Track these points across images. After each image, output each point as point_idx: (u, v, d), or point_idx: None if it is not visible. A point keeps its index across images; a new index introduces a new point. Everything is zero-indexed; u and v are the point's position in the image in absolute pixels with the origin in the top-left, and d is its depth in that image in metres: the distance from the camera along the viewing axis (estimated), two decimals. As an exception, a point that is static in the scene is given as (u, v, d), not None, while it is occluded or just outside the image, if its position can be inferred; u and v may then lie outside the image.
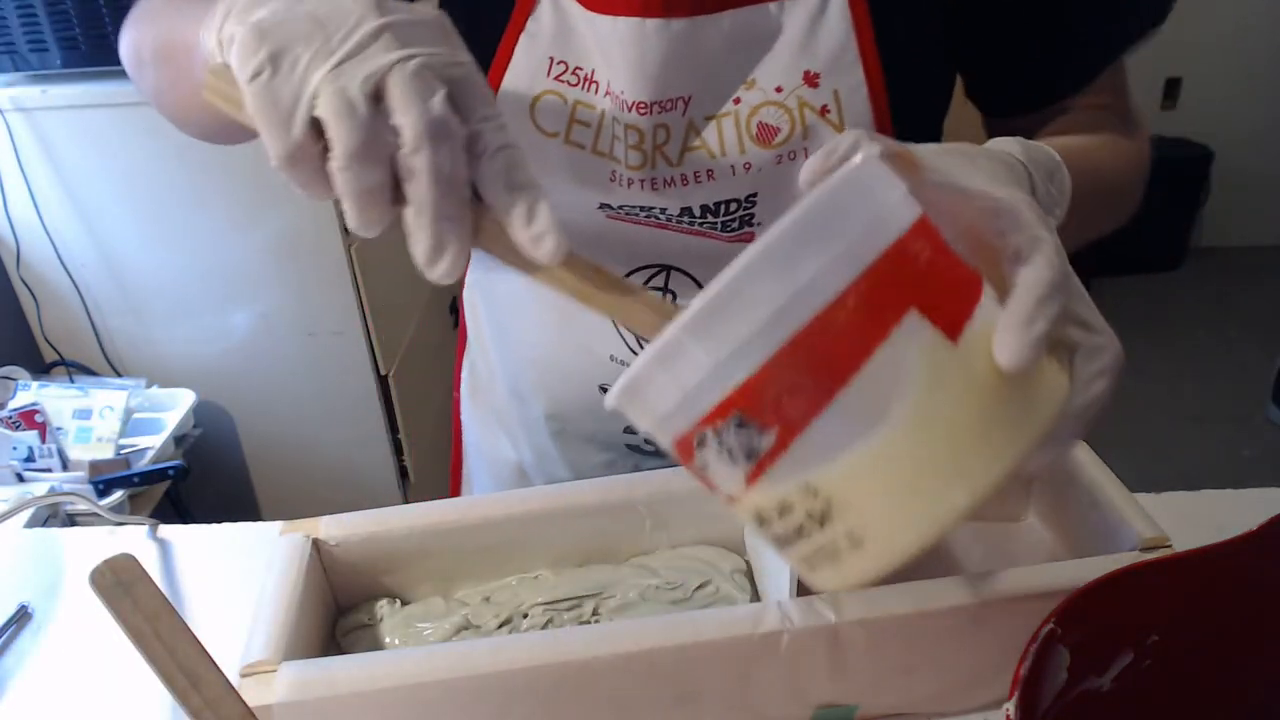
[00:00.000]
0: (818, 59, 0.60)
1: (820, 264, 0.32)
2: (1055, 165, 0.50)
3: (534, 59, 0.63)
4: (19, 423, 1.53)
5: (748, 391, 0.33)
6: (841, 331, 0.32)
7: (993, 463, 0.33)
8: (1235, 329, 2.74)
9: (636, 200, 0.65)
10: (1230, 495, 0.75)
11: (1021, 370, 0.34)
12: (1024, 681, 0.43)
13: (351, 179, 0.37)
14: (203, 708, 0.41)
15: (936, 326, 0.33)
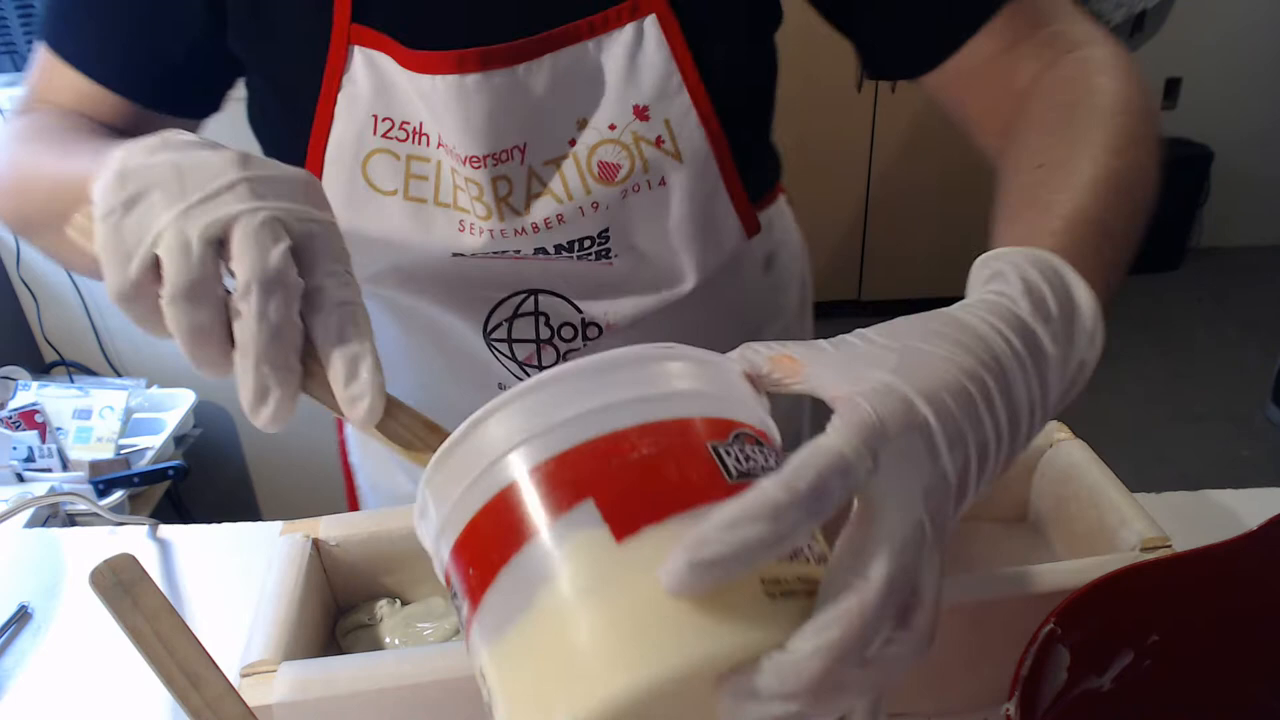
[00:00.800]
0: (643, 92, 0.60)
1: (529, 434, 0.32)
2: (1065, 292, 0.40)
3: (356, 119, 0.61)
4: (19, 423, 1.53)
5: (456, 554, 0.33)
6: (522, 505, 0.32)
7: (619, 677, 0.29)
8: (1235, 329, 2.74)
9: (490, 248, 0.64)
10: (1230, 495, 0.75)
11: (672, 589, 0.29)
12: (1024, 681, 0.43)
13: (178, 315, 0.38)
14: (203, 708, 0.41)
15: (606, 522, 0.30)
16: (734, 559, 0.28)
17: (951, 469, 0.33)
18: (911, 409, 0.32)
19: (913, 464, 0.32)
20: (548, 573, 0.30)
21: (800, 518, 0.29)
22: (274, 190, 0.40)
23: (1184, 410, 2.49)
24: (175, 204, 0.38)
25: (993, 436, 0.34)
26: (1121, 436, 2.36)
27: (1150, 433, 2.41)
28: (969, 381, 0.34)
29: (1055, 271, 0.40)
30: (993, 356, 0.35)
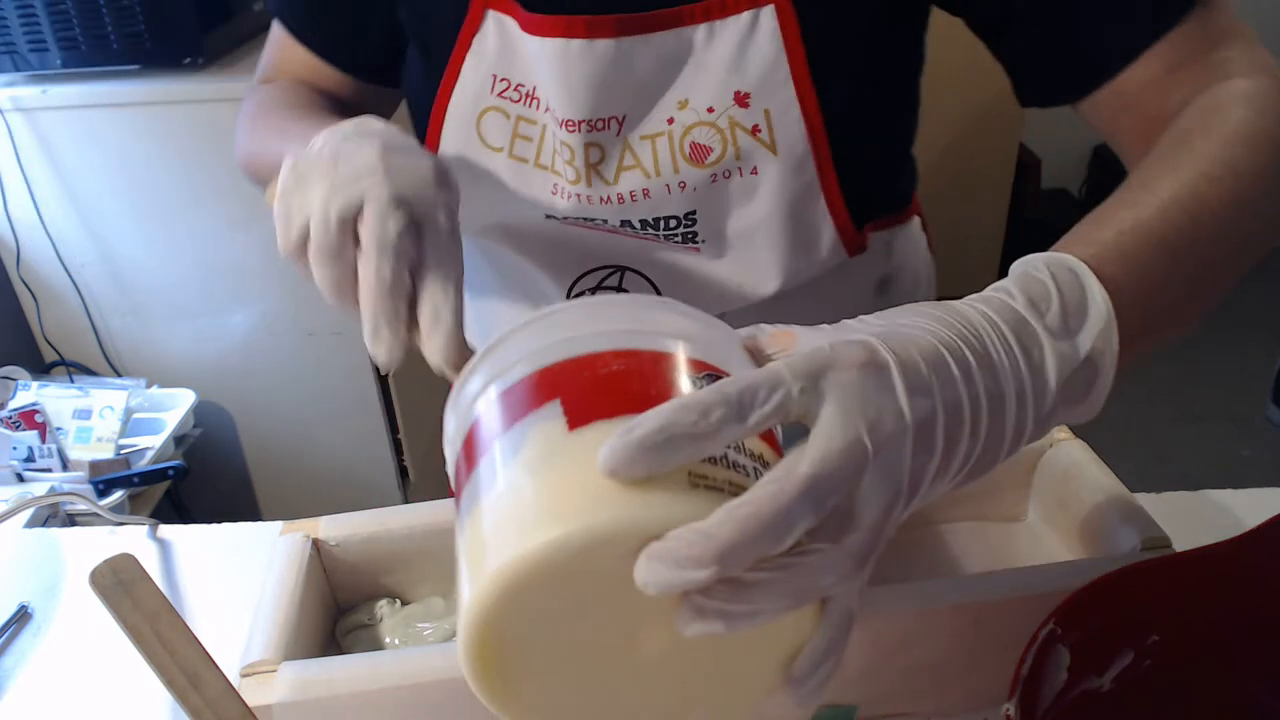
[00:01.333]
0: (748, 79, 0.61)
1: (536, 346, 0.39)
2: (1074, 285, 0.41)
3: (479, 76, 0.65)
4: (19, 423, 1.53)
5: (459, 462, 0.39)
6: (506, 409, 0.38)
7: (544, 533, 0.33)
8: (1235, 329, 2.74)
9: (577, 212, 0.66)
10: (1230, 495, 0.75)
11: (603, 466, 0.32)
12: (1024, 681, 0.43)
13: (320, 271, 0.48)
14: (203, 708, 0.41)
15: (565, 415, 0.36)
16: (661, 443, 0.32)
17: (909, 411, 0.35)
18: (872, 351, 0.35)
19: (861, 395, 0.34)
20: (511, 456, 0.36)
21: (725, 415, 0.32)
22: (405, 174, 0.48)
23: (1184, 410, 2.49)
24: (325, 186, 0.48)
25: (968, 402, 0.36)
26: (1121, 436, 2.36)
27: (1150, 433, 2.41)
28: (943, 347, 0.36)
29: (1070, 271, 0.41)
30: (973, 332, 0.38)
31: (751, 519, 0.32)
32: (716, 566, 0.31)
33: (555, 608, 0.36)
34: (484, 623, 0.35)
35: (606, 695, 0.40)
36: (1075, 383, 0.39)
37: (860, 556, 0.35)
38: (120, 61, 1.57)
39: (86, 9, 1.53)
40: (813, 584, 0.34)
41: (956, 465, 0.37)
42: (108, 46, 1.55)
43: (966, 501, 0.67)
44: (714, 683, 0.40)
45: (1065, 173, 3.26)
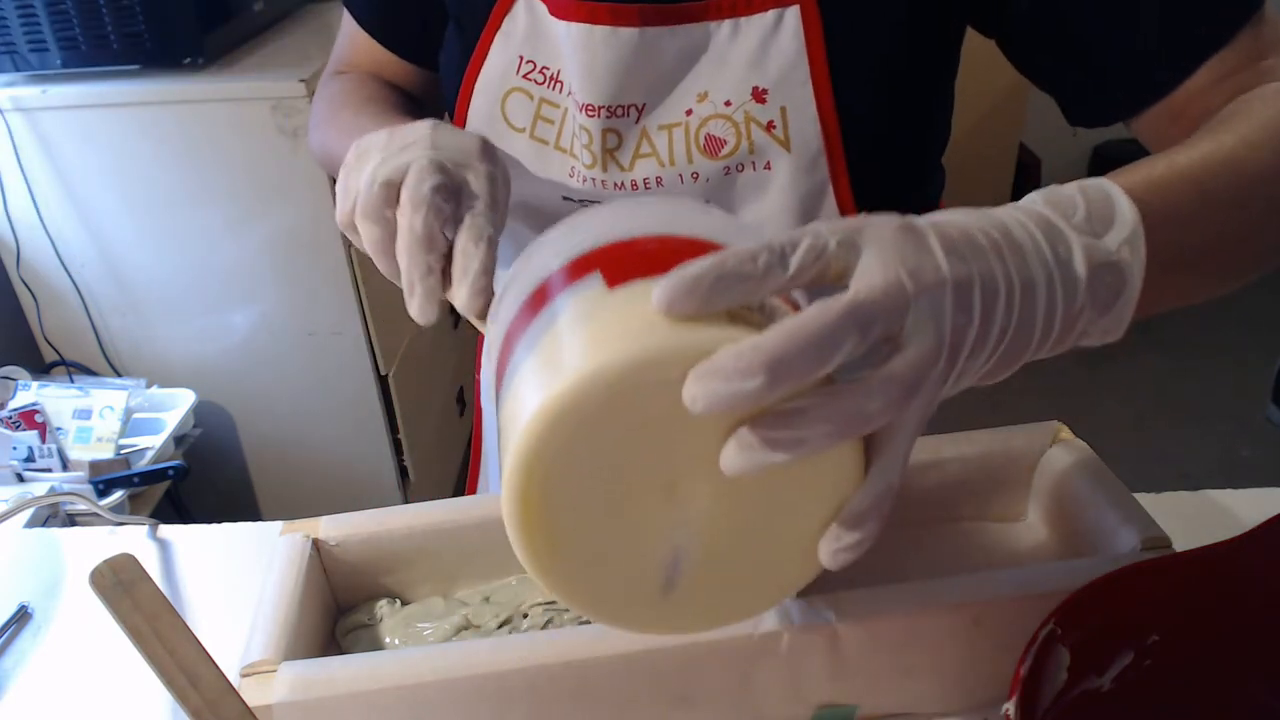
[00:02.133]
0: (767, 75, 0.61)
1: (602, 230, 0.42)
2: (1103, 198, 0.42)
3: (506, 57, 0.66)
4: (19, 423, 1.53)
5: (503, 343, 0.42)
6: (551, 286, 0.40)
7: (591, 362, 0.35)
8: (1235, 329, 2.74)
9: (592, 195, 0.68)
10: (1230, 495, 0.75)
11: (659, 303, 0.34)
12: (1024, 681, 0.43)
13: (364, 230, 0.53)
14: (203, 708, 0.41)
15: (604, 279, 0.38)
16: (712, 281, 0.34)
17: (947, 267, 0.36)
18: (908, 220, 0.38)
19: (899, 248, 0.36)
20: (549, 325, 0.38)
21: (769, 260, 0.35)
22: (449, 146, 0.53)
23: (1184, 410, 2.49)
24: (378, 157, 0.53)
25: (1001, 277, 0.37)
26: (1121, 436, 2.36)
27: (1150, 433, 2.41)
28: (974, 229, 0.38)
29: (1098, 188, 0.42)
30: (1000, 224, 0.39)
31: (799, 332, 0.33)
32: (765, 376, 0.32)
33: (598, 452, 0.36)
34: (529, 464, 0.36)
35: (646, 558, 0.40)
36: (1102, 286, 0.40)
37: (906, 385, 0.35)
38: (120, 61, 1.57)
39: (86, 9, 1.53)
40: (858, 409, 0.34)
41: (993, 338, 0.38)
42: (108, 46, 1.55)
43: (966, 501, 0.67)
44: (757, 545, 0.40)
45: (1065, 173, 3.26)
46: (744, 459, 0.35)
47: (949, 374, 0.37)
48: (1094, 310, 0.40)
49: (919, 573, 0.55)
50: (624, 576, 0.41)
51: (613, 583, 0.41)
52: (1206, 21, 0.57)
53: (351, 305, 1.69)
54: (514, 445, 0.36)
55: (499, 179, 0.54)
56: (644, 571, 0.41)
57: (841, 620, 0.52)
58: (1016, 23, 0.62)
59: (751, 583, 0.41)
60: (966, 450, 0.66)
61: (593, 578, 0.40)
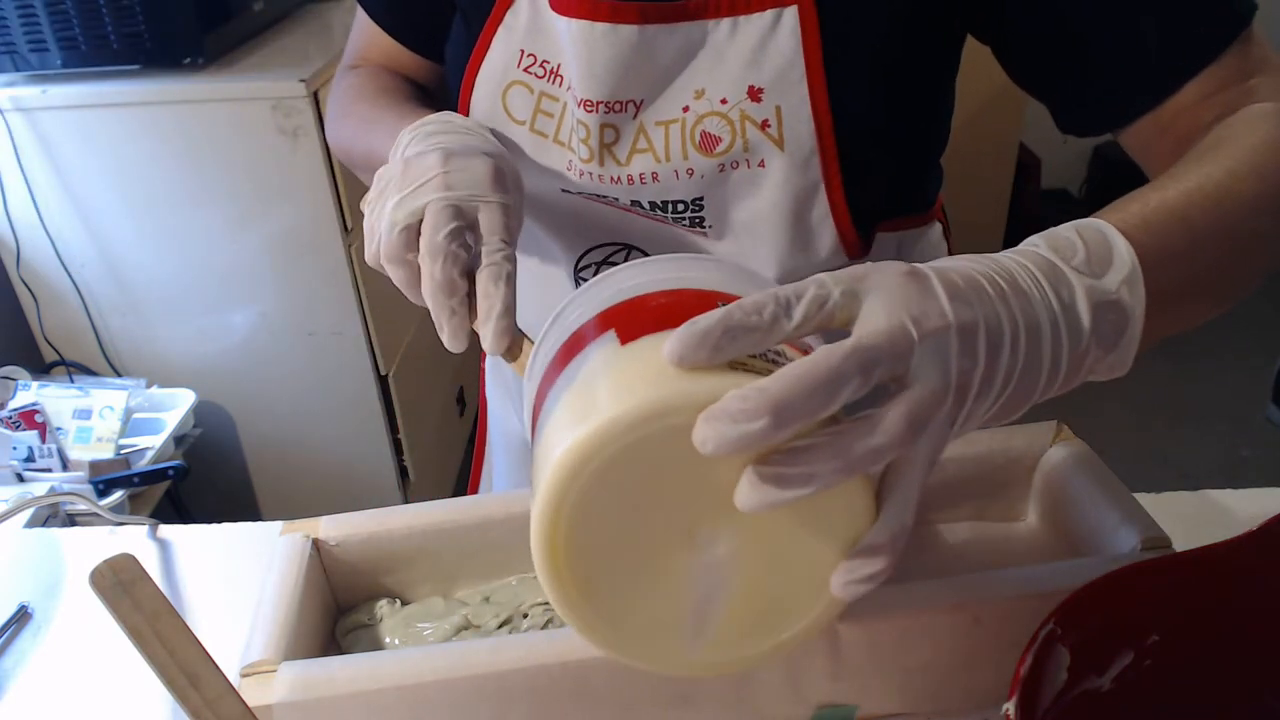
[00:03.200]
0: (764, 74, 0.62)
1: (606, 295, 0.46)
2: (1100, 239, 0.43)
3: (508, 50, 0.67)
4: (19, 423, 1.53)
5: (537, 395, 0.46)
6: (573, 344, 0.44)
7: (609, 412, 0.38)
8: (1235, 329, 2.74)
9: (589, 189, 0.68)
10: (1230, 495, 0.75)
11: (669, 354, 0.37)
12: (1024, 681, 0.43)
13: (391, 271, 0.55)
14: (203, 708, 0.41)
15: (618, 337, 0.42)
16: (720, 333, 0.36)
17: (952, 313, 0.38)
18: (912, 266, 0.39)
19: (904, 295, 0.38)
20: (570, 382, 0.41)
21: (775, 311, 0.37)
22: (462, 180, 0.55)
23: (1184, 410, 2.49)
24: (395, 198, 0.55)
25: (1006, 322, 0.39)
26: (1121, 436, 2.36)
27: (1150, 433, 2.41)
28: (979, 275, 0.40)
29: (1095, 230, 0.44)
30: (1005, 270, 0.41)
31: (803, 376, 0.35)
32: (769, 417, 0.34)
33: (620, 498, 0.39)
34: (555, 508, 0.38)
35: (675, 603, 0.42)
36: (1105, 325, 0.41)
37: (911, 423, 0.36)
38: (120, 61, 1.57)
39: (86, 9, 1.53)
40: (865, 446, 0.36)
41: (999, 381, 0.39)
42: (108, 46, 1.55)
43: (966, 501, 0.67)
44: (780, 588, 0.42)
45: (1065, 173, 3.26)
46: (757, 496, 0.36)
47: (956, 415, 0.38)
48: (1099, 349, 0.41)
49: (919, 573, 0.55)
50: (654, 620, 0.42)
51: (643, 626, 0.42)
52: (1196, 37, 0.58)
53: (351, 305, 1.69)
54: (540, 491, 0.39)
55: (513, 204, 0.56)
56: (673, 615, 0.42)
57: (841, 620, 0.52)
58: (1010, 30, 0.62)
59: (777, 624, 0.43)
60: (966, 450, 0.66)
61: (623, 621, 0.42)
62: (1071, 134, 0.64)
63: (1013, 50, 0.64)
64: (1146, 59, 0.59)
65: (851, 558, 0.39)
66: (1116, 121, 0.61)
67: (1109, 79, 0.60)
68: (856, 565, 0.39)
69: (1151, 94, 0.59)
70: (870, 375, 0.36)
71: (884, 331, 0.36)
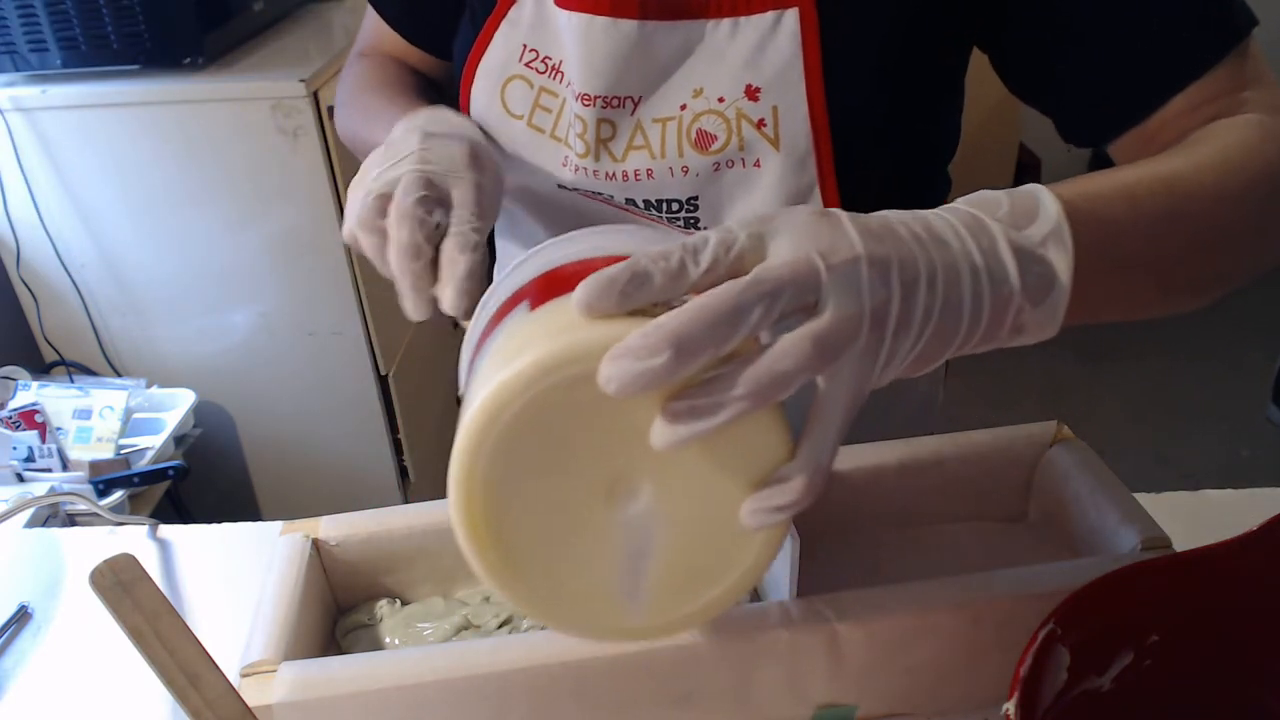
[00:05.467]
0: (761, 74, 0.62)
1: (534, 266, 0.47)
2: (1028, 198, 0.44)
3: (510, 45, 0.67)
4: (19, 423, 1.53)
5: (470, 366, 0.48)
6: (496, 319, 0.46)
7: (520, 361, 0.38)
8: (1235, 329, 2.74)
9: (582, 185, 0.68)
10: (1230, 495, 0.75)
11: (578, 302, 0.37)
12: (1024, 681, 0.43)
13: (362, 238, 0.56)
14: (203, 708, 0.41)
15: (529, 306, 0.43)
16: (627, 280, 0.36)
17: (861, 245, 0.38)
18: (820, 209, 0.40)
19: (813, 230, 0.38)
20: (488, 350, 0.43)
21: (682, 257, 0.37)
22: (437, 158, 0.57)
23: (1184, 410, 2.49)
24: (375, 172, 0.56)
25: (922, 262, 0.39)
26: (1121, 436, 2.36)
27: (1150, 433, 2.41)
28: (894, 221, 0.40)
29: (1026, 191, 0.44)
30: (923, 219, 0.41)
31: (704, 309, 0.35)
32: (670, 351, 0.34)
33: (535, 452, 0.39)
34: (467, 473, 0.38)
35: (603, 562, 0.42)
36: (1031, 276, 0.41)
37: (819, 346, 0.36)
38: (120, 61, 1.57)
39: (86, 9, 1.53)
40: (770, 370, 0.36)
41: (918, 318, 0.39)
42: (108, 46, 1.55)
43: (966, 501, 0.67)
44: (706, 539, 0.41)
45: (1065, 173, 3.24)
46: (670, 431, 0.36)
47: (878, 351, 0.38)
48: (1025, 300, 0.41)
49: (919, 573, 0.55)
50: (584, 583, 0.42)
51: (574, 591, 0.42)
52: (1184, 51, 0.57)
53: (351, 305, 1.69)
54: (453, 456, 0.39)
55: (486, 185, 0.57)
56: (603, 577, 0.42)
57: (841, 620, 0.52)
58: (1006, 38, 0.62)
59: (710, 579, 0.42)
60: (966, 450, 0.66)
61: (553, 586, 0.42)
62: (1072, 144, 0.64)
63: (1009, 59, 0.63)
64: (1136, 72, 0.58)
65: (762, 488, 0.39)
66: (1105, 135, 0.61)
67: (1098, 92, 0.60)
68: (766, 494, 0.39)
69: (1140, 108, 0.59)
70: (774, 305, 0.36)
71: (788, 263, 0.37)
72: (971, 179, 2.18)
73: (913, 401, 0.80)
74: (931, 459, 0.65)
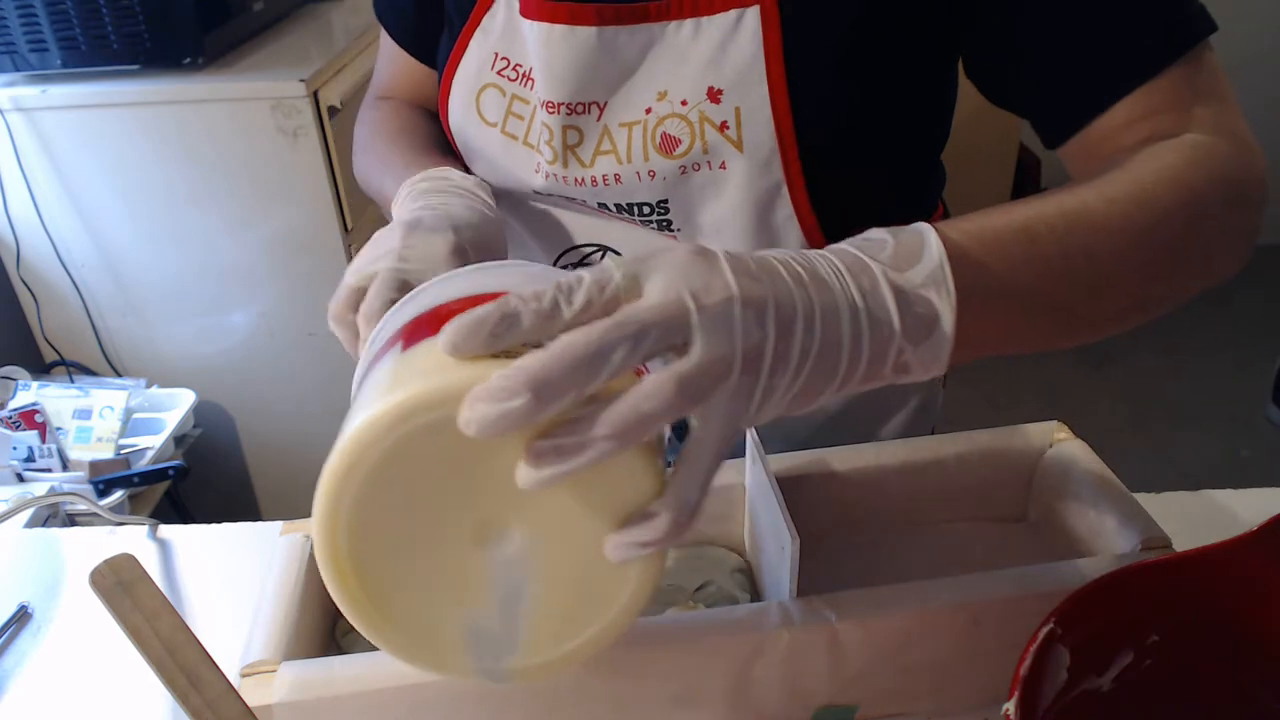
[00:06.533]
0: (723, 76, 0.61)
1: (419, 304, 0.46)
2: (914, 239, 0.44)
3: (483, 53, 0.68)
4: (19, 423, 1.53)
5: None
6: (375, 358, 0.44)
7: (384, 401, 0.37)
8: (1236, 329, 2.74)
9: (553, 190, 0.68)
10: (1230, 495, 0.75)
11: (444, 344, 0.37)
12: (1024, 681, 0.43)
13: (336, 329, 0.56)
14: (203, 708, 0.41)
15: (402, 346, 0.41)
16: (496, 320, 0.36)
17: (736, 286, 0.38)
18: (699, 247, 0.40)
19: (686, 270, 0.38)
20: (357, 396, 0.42)
21: (554, 298, 0.37)
22: (417, 254, 0.57)
23: (1184, 410, 2.49)
24: (359, 262, 0.57)
25: (799, 301, 0.39)
26: (1121, 436, 2.36)
27: (1150, 433, 2.41)
28: (774, 260, 0.41)
29: (914, 231, 0.44)
30: (805, 259, 0.42)
31: (564, 350, 0.35)
32: (529, 393, 0.34)
33: (400, 496, 0.38)
34: (329, 521, 0.38)
35: (472, 605, 0.41)
36: (911, 316, 0.42)
37: (684, 387, 0.36)
38: (120, 61, 1.57)
39: (86, 9, 1.53)
40: (633, 410, 0.36)
41: (795, 357, 0.39)
42: (108, 46, 1.55)
43: (966, 501, 0.67)
44: (581, 579, 0.41)
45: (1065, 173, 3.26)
46: (534, 473, 0.36)
47: (753, 390, 0.38)
48: (906, 340, 0.42)
49: (919, 573, 0.55)
50: (461, 629, 0.41)
51: (446, 632, 0.42)
52: (1131, 56, 0.55)
53: (351, 305, 1.70)
54: (315, 498, 0.38)
55: None
56: (478, 619, 0.41)
57: (841, 620, 0.52)
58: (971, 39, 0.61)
59: (587, 617, 0.42)
60: (966, 450, 0.66)
61: (428, 633, 0.41)
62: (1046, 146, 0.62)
63: (970, 59, 0.62)
64: (1082, 75, 0.57)
65: (628, 524, 0.39)
66: (1054, 139, 0.60)
67: (1048, 95, 0.59)
68: (631, 531, 0.39)
69: (1083, 112, 0.57)
70: (639, 346, 0.36)
71: (656, 304, 0.37)
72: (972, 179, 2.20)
73: (913, 403, 0.80)
74: (931, 459, 0.65)
